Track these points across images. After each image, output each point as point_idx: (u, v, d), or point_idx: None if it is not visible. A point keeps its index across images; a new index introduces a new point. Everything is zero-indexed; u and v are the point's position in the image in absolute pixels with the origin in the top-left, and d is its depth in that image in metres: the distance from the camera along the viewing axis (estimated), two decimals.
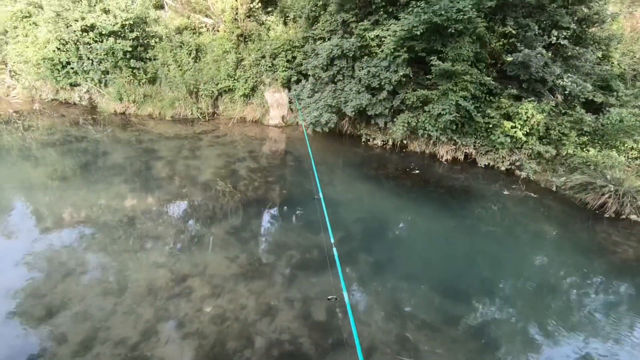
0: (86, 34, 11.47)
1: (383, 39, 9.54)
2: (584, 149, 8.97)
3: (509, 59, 9.11)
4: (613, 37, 10.32)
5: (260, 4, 12.76)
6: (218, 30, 13.23)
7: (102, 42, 11.57)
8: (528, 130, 8.99)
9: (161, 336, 4.30)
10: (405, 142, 10.52)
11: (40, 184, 7.93)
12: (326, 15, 11.21)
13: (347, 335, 4.55)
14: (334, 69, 10.14)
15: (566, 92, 9.27)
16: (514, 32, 9.11)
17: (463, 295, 5.44)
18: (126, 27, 11.83)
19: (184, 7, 14.02)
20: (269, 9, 13.46)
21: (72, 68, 11.99)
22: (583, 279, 6.20)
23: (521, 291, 5.77)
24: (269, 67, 11.77)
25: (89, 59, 11.78)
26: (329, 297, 3.57)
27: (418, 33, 8.72)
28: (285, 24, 13.15)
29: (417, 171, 9.45)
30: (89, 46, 11.63)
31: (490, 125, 9.30)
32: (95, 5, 11.65)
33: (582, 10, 9.71)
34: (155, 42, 12.47)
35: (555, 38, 9.10)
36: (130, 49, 11.74)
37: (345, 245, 6.33)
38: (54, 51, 11.58)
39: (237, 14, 12.51)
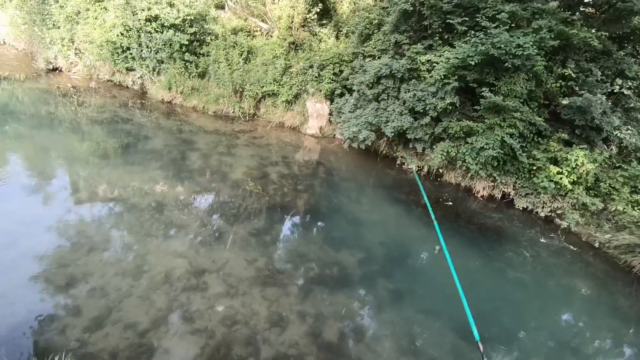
0: (149, 23, 12.06)
1: (434, 64, 9.38)
2: (636, 208, 8.32)
3: (565, 102, 8.69)
4: None
5: (316, 16, 12.98)
6: (272, 36, 13.55)
7: (162, 33, 12.12)
8: (575, 179, 8.48)
9: (170, 327, 4.27)
10: (441, 170, 10.21)
11: (82, 158, 8.29)
12: (379, 34, 11.21)
13: None
14: (379, 87, 10.06)
15: (622, 145, 8.71)
16: (573, 75, 8.70)
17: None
18: (186, 22, 12.34)
19: (243, 9, 14.49)
20: (324, 22, 13.66)
21: (131, 54, 12.61)
22: (614, 347, 5.67)
23: (541, 347, 5.33)
24: (315, 77, 11.86)
25: (147, 47, 12.36)
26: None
27: (472, 63, 8.50)
28: (337, 37, 13.28)
29: (450, 203, 9.12)
30: (150, 35, 12.21)
31: (535, 168, 8.86)
32: None
33: None
34: (211, 39, 12.92)
35: (618, 87, 8.62)
36: (186, 43, 12.22)
37: (365, 268, 6.13)
38: (117, 36, 12.24)
39: (292, 22, 12.78)
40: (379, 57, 10.78)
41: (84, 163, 8.06)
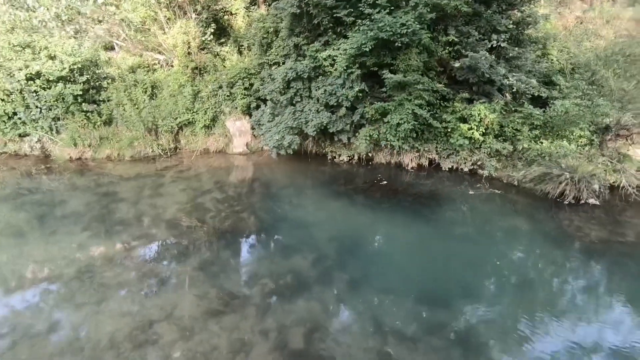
0: (32, 82, 11.06)
1: (335, 58, 9.75)
2: (538, 142, 9.37)
3: (456, 65, 9.51)
4: (548, 36, 11.04)
5: (212, 36, 12.85)
6: (172, 66, 13.16)
7: (50, 88, 11.18)
8: (484, 130, 9.32)
9: None
10: (370, 155, 10.65)
11: None
12: (278, 40, 11.39)
13: None
14: (291, 91, 10.23)
15: (513, 90, 9.75)
16: (456, 39, 9.56)
17: (444, 302, 5.37)
18: (75, 71, 11.51)
19: (135, 46, 13.89)
20: (222, 40, 13.56)
21: (20, 118, 11.47)
22: (557, 267, 6.32)
23: (501, 288, 5.81)
24: (227, 96, 11.74)
25: (36, 107, 11.32)
26: None
27: (367, 49, 8.97)
28: (240, 53, 13.26)
29: (385, 182, 9.53)
30: (35, 94, 11.20)
31: (448, 130, 9.60)
32: (39, 53, 11.31)
33: (515, 14, 10.36)
34: (108, 83, 12.21)
35: (495, 41, 9.62)
36: (81, 93, 11.40)
37: (319, 267, 6.19)
38: None
39: (189, 48, 12.52)
40: (283, 63, 10.96)
41: None
